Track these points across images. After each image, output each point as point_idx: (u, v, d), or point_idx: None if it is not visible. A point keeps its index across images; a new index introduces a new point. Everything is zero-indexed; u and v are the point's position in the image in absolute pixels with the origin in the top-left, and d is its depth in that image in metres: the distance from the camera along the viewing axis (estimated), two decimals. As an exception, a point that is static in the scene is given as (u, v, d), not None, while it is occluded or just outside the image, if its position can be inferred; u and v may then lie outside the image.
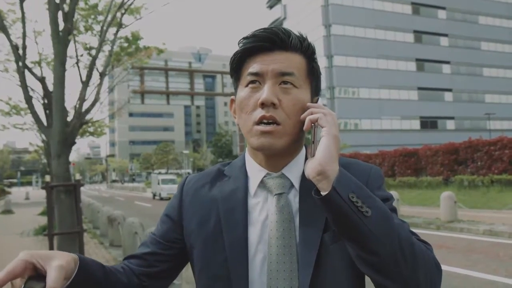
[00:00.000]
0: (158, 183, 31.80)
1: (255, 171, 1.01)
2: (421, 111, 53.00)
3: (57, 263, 0.77)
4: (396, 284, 0.83)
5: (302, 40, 0.98)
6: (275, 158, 0.98)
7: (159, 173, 54.04)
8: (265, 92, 0.92)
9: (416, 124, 53.17)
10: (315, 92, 1.01)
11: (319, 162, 0.84)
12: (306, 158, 0.99)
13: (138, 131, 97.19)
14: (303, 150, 1.03)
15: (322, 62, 47.93)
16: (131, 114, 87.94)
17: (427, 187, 18.49)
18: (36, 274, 0.77)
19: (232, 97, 1.07)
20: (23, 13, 6.90)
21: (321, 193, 0.83)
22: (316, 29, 49.14)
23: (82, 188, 7.35)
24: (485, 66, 56.99)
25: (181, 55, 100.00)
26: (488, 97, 57.00)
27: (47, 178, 6.70)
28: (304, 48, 0.98)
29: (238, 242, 0.95)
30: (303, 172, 0.95)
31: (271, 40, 0.95)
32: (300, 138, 0.99)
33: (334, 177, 0.83)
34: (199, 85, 20.72)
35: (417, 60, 53.82)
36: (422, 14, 54.84)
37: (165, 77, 19.42)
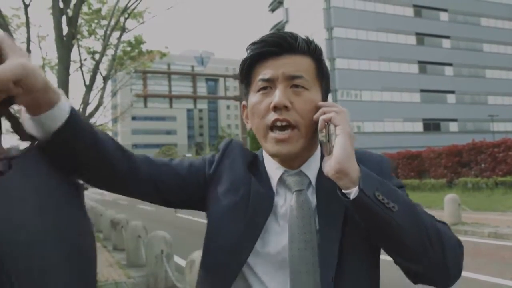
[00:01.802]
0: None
1: (273, 169, 1.03)
2: (423, 113, 52.87)
3: (23, 61, 0.66)
4: (428, 268, 0.88)
5: (309, 42, 1.00)
6: (292, 158, 1.00)
7: None
8: (277, 95, 0.94)
9: (419, 127, 53.04)
10: (325, 92, 1.04)
11: (337, 161, 0.87)
12: (321, 156, 1.03)
13: (141, 134, 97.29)
14: (319, 147, 1.05)
15: (324, 65, 47.70)
16: (133, 118, 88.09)
17: (430, 190, 18.43)
18: None
19: (244, 103, 1.08)
20: (27, 18, 6.93)
21: (343, 191, 0.88)
22: (318, 32, 49.14)
23: (85, 192, 7.36)
24: (488, 68, 56.84)
25: (184, 59, 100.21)
26: (491, 99, 56.83)
27: (51, 182, 6.64)
28: (312, 50, 1.00)
29: (254, 228, 0.97)
30: (320, 169, 1.00)
31: (279, 44, 0.97)
32: (315, 137, 1.01)
33: (355, 175, 0.87)
34: (202, 88, 20.71)
35: (420, 62, 53.73)
36: (424, 16, 54.80)
37: (168, 80, 19.44)
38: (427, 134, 52.22)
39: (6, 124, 0.68)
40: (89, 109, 7.16)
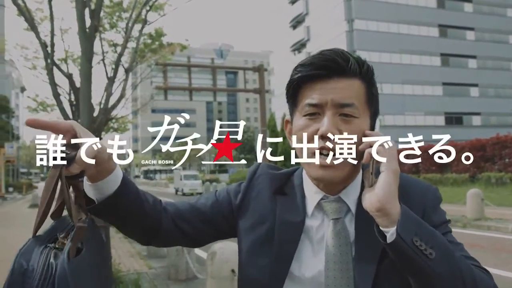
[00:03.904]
0: (181, 179, 32.10)
1: (312, 192, 1.00)
2: (445, 106, 51.88)
3: (94, 143, 0.81)
4: None
5: (361, 64, 0.96)
6: (335, 184, 0.97)
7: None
8: (325, 124, 0.90)
9: (440, 120, 52.09)
10: (374, 115, 1.00)
11: (378, 199, 0.84)
12: (362, 182, 0.98)
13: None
14: (360, 173, 1.00)
15: (344, 57, 47.14)
16: (153, 110, 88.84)
17: (452, 184, 18.15)
18: (71, 143, 0.80)
19: (287, 118, 1.05)
20: (51, 11, 7.02)
21: (383, 230, 0.84)
22: (339, 24, 48.58)
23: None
24: (514, 60, 55.34)
25: (204, 52, 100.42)
26: (516, 92, 55.40)
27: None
28: (364, 73, 0.96)
29: (285, 257, 0.97)
30: (360, 196, 0.96)
31: (329, 67, 0.92)
32: (359, 163, 0.96)
33: (395, 215, 0.82)
34: (221, 81, 20.69)
35: (442, 54, 52.65)
36: (447, 7, 53.58)
37: (188, 73, 19.52)
38: (449, 128, 51.24)
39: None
40: (111, 101, 7.23)
